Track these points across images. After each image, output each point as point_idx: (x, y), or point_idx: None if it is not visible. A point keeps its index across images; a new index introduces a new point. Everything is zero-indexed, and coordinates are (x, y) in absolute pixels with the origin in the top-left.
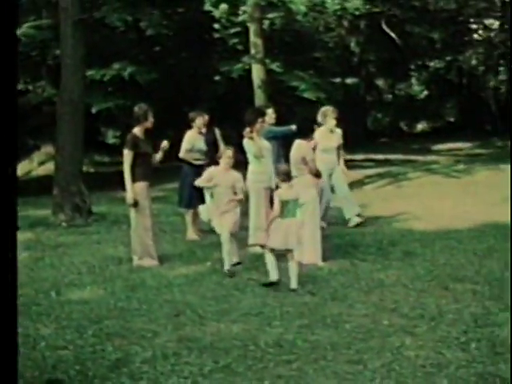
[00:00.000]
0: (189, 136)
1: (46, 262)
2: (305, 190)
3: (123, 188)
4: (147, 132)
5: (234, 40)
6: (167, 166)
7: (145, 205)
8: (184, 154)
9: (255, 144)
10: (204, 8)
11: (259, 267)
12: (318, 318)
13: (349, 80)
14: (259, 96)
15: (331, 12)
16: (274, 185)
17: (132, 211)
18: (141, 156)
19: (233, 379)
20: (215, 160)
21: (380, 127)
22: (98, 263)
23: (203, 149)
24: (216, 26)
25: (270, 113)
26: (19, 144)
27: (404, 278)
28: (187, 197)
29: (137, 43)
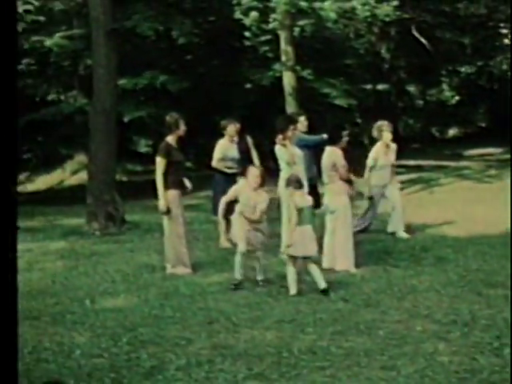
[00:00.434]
0: (220, 145)
1: (80, 271)
2: (336, 197)
3: (156, 196)
4: (179, 140)
5: (265, 48)
6: (200, 174)
7: (177, 212)
8: (216, 163)
9: (287, 151)
10: (234, 16)
11: None
12: (352, 325)
13: (380, 86)
14: (290, 103)
15: (361, 19)
16: (307, 192)
17: (165, 219)
18: (173, 164)
19: None
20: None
21: (411, 133)
22: (132, 271)
23: (236, 157)
24: (246, 34)
25: (302, 120)
26: (52, 153)
27: (437, 284)
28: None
29: (168, 52)
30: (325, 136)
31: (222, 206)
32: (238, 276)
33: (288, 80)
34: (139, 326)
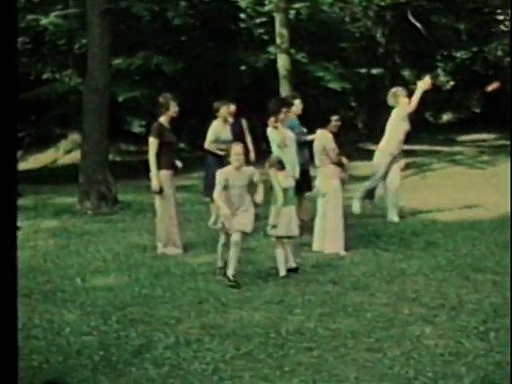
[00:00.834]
0: (213, 127)
1: (72, 250)
2: (327, 181)
3: (149, 177)
4: (172, 121)
5: (260, 30)
6: (193, 156)
7: (169, 193)
8: (208, 145)
9: (279, 133)
10: None
11: None
12: (340, 307)
13: (374, 70)
14: (284, 86)
15: (357, 2)
16: (298, 174)
17: (157, 199)
18: (166, 145)
19: (254, 366)
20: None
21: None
22: (123, 251)
23: (228, 139)
24: (242, 16)
25: (298, 103)
26: (46, 132)
27: (425, 268)
28: (211, 187)
29: (163, 33)
30: (304, 138)
31: (219, 194)
32: (220, 263)
33: (282, 63)
34: (129, 305)
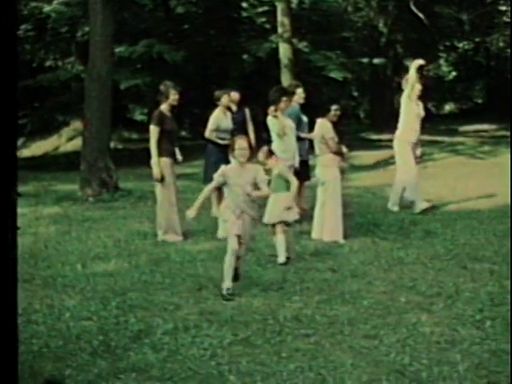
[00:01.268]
0: (214, 115)
1: (73, 236)
2: (326, 169)
3: (150, 165)
4: (174, 109)
5: (262, 19)
6: (195, 144)
7: (170, 180)
8: (209, 134)
9: (279, 122)
10: None
11: None
12: (337, 294)
13: (376, 60)
14: (285, 75)
15: None
16: (298, 163)
17: (158, 186)
18: (166, 133)
19: (251, 351)
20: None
21: None
22: (124, 237)
23: (229, 128)
24: (244, 5)
25: (300, 92)
26: (48, 120)
27: (423, 257)
28: (211, 175)
29: (165, 21)
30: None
31: (206, 193)
32: (229, 283)
33: (284, 52)
34: (129, 291)
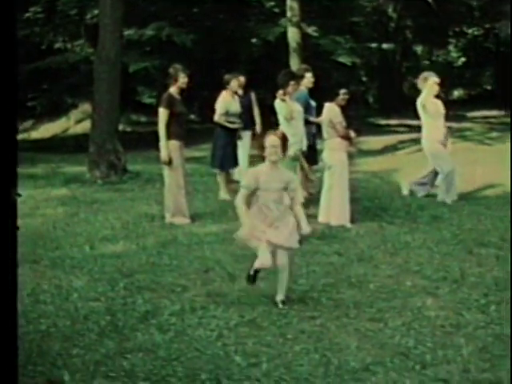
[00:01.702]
0: (223, 99)
1: (81, 218)
2: (333, 153)
3: (158, 148)
4: (183, 92)
5: (271, 3)
6: (204, 127)
7: (178, 163)
8: (218, 118)
9: (286, 106)
10: None
11: None
12: (344, 278)
13: (385, 45)
14: (294, 59)
15: None
16: (305, 147)
17: (166, 169)
18: (175, 115)
19: (257, 333)
20: (248, 123)
21: (416, 93)
22: (132, 219)
23: (238, 112)
24: None
25: (309, 76)
26: (57, 102)
27: (430, 241)
28: (219, 159)
29: (175, 4)
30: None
31: (241, 206)
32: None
33: (293, 36)
34: (136, 273)
